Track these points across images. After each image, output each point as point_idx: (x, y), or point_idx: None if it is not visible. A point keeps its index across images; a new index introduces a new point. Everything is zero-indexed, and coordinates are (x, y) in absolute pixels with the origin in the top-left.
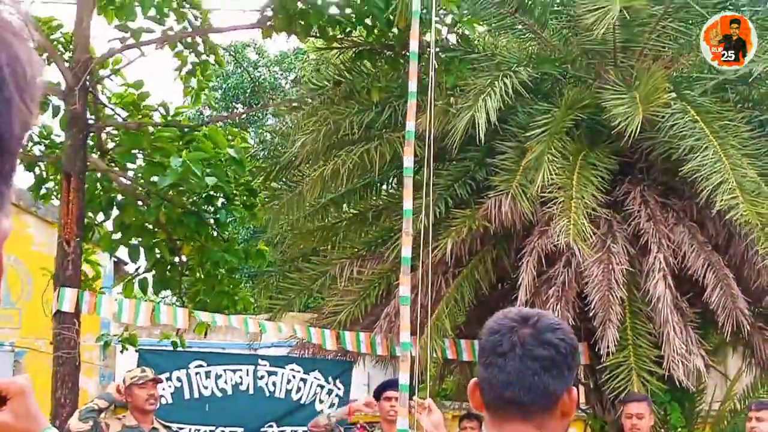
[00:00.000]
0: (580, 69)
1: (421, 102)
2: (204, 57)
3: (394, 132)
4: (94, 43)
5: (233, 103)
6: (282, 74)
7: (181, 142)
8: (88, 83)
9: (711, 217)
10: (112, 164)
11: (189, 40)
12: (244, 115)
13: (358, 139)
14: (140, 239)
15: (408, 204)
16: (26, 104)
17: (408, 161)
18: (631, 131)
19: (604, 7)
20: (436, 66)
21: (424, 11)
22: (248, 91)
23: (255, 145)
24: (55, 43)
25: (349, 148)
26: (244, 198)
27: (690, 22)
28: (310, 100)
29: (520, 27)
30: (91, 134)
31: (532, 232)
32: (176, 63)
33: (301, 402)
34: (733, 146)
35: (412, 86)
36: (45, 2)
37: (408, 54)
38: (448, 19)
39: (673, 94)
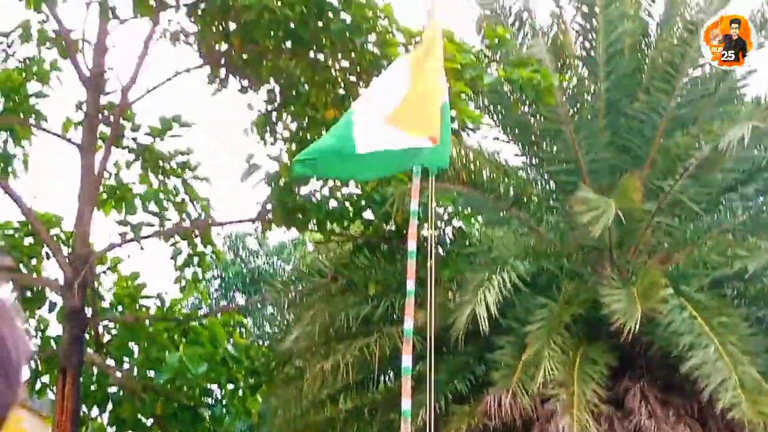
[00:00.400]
0: (577, 264)
1: (418, 295)
2: (200, 249)
3: (393, 326)
4: (94, 237)
5: (233, 292)
6: (281, 264)
7: (177, 334)
8: (87, 278)
9: (713, 415)
10: (108, 357)
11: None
12: (243, 305)
13: (356, 332)
14: None
15: (407, 404)
16: (9, 386)
17: (407, 360)
18: (630, 327)
19: (599, 208)
20: (432, 264)
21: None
22: (248, 280)
23: (254, 335)
24: (56, 238)
25: (348, 342)
26: (241, 393)
27: (683, 217)
28: (307, 293)
29: (516, 221)
30: (88, 328)
31: (532, 428)
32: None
33: None
34: (733, 343)
35: (410, 285)
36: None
37: (404, 246)
38: (446, 214)
39: (671, 290)
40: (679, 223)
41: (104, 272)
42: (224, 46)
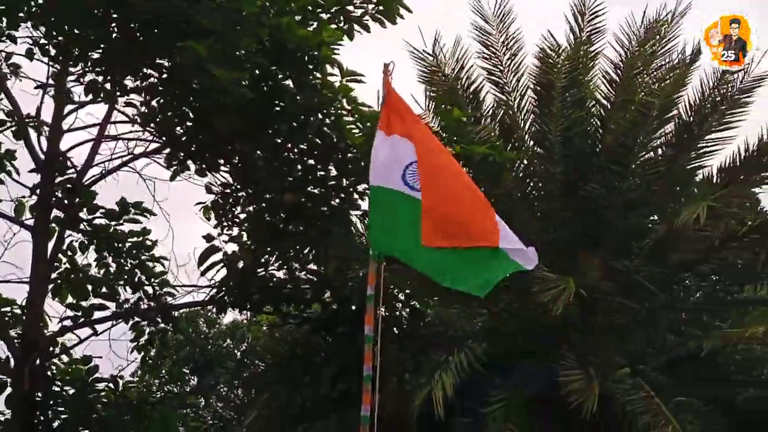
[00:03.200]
0: (533, 344)
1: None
2: (162, 326)
3: (351, 407)
4: (44, 319)
5: (185, 374)
6: (234, 344)
7: (129, 417)
8: (37, 363)
9: None
10: None
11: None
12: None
13: (312, 415)
14: None
15: None
16: None
17: None
18: (588, 407)
19: (559, 287)
20: (378, 349)
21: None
22: (199, 362)
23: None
24: (6, 319)
25: (305, 426)
26: None
27: (640, 297)
28: (262, 375)
29: (473, 302)
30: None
31: None
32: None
33: None
34: (690, 422)
35: (367, 369)
36: None
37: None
38: (402, 295)
39: (628, 370)
40: (636, 302)
41: (58, 356)
42: (180, 129)
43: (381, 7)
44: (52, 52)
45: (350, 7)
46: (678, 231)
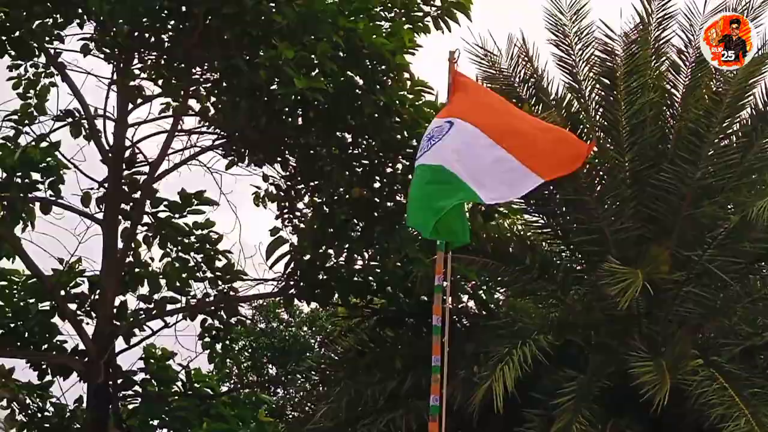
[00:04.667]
0: (605, 335)
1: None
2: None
3: (420, 400)
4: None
5: (263, 363)
6: (312, 334)
7: (202, 409)
8: (111, 355)
9: None
10: None
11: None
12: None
13: (382, 408)
14: None
15: None
16: None
17: None
18: (660, 399)
19: (627, 280)
20: (446, 339)
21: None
22: (278, 350)
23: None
24: (79, 314)
25: (373, 417)
26: None
27: (712, 286)
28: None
29: (542, 293)
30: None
31: None
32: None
33: None
34: (765, 414)
35: (435, 360)
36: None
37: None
38: (469, 287)
39: (701, 361)
40: (709, 293)
41: (131, 347)
42: (250, 125)
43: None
44: (109, 48)
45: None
46: (752, 220)
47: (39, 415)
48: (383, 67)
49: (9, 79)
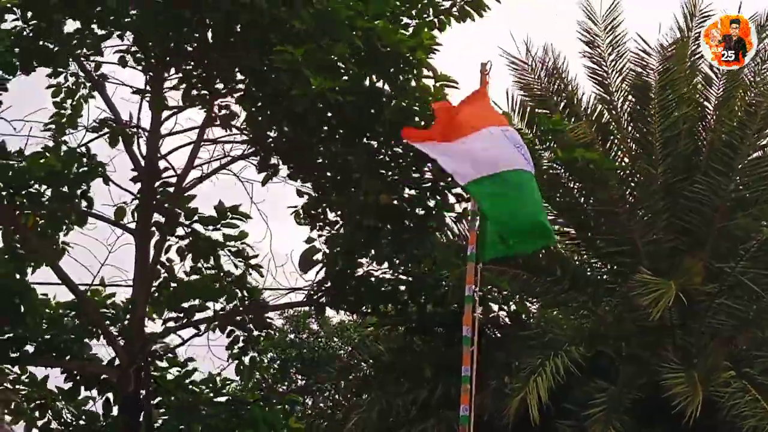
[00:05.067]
0: (636, 347)
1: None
2: (256, 333)
3: (450, 410)
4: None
5: (292, 374)
6: (341, 345)
7: (232, 416)
8: (142, 364)
9: None
10: None
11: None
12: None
13: (414, 418)
14: None
15: None
16: None
17: None
18: (692, 411)
19: (659, 290)
20: (475, 349)
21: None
22: (307, 361)
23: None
24: (109, 323)
25: (406, 429)
26: None
27: (745, 298)
28: (363, 377)
29: (573, 304)
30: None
31: None
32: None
33: None
34: None
35: (465, 370)
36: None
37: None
38: (501, 297)
39: (733, 373)
40: (741, 304)
41: (159, 358)
42: (274, 132)
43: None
44: (144, 59)
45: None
46: None
47: (73, 423)
48: (403, 66)
49: (48, 87)
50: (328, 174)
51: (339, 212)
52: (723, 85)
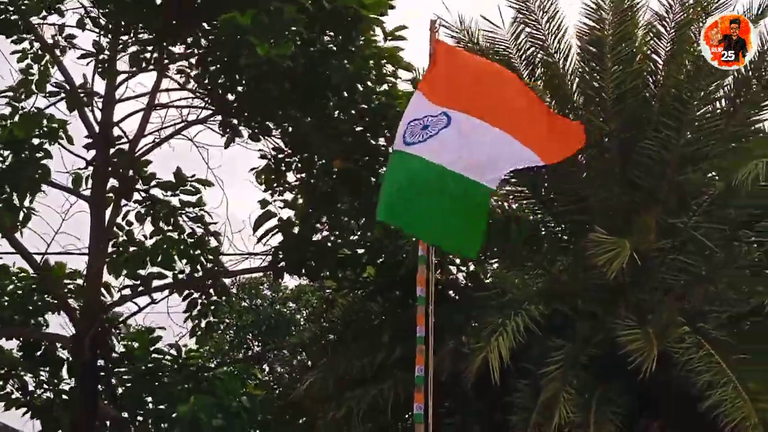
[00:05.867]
0: (592, 304)
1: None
2: (214, 299)
3: (408, 371)
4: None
5: (249, 340)
6: (298, 309)
7: (192, 384)
8: (98, 331)
9: None
10: (123, 411)
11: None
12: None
13: (370, 379)
14: None
15: None
16: None
17: (418, 407)
18: (647, 367)
19: (613, 250)
20: (431, 309)
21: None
22: (263, 327)
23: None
24: (67, 291)
25: (362, 390)
26: None
27: (698, 254)
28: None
29: (529, 264)
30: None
31: None
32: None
33: None
34: (752, 380)
35: (419, 331)
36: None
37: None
38: (458, 258)
39: (687, 328)
40: (694, 260)
41: (119, 324)
42: (232, 97)
43: None
44: (102, 21)
45: None
46: (737, 187)
47: (35, 393)
48: (352, 24)
49: (13, 53)
50: (285, 137)
51: (297, 176)
52: (671, 39)
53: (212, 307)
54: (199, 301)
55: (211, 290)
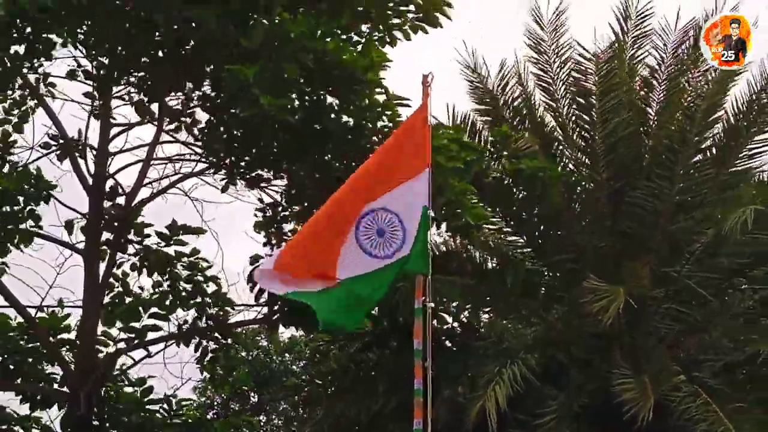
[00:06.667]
0: (586, 352)
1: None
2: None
3: (405, 422)
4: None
5: (245, 391)
6: (292, 360)
7: None
8: (93, 386)
9: None
10: None
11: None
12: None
13: (366, 429)
14: None
15: None
16: None
17: None
18: (643, 416)
19: (607, 297)
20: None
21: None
22: (260, 378)
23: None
24: (60, 344)
25: None
26: None
27: (692, 302)
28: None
29: (524, 312)
30: None
31: None
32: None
33: None
34: (748, 429)
35: (417, 383)
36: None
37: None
38: (452, 307)
39: (683, 377)
40: (688, 308)
41: (111, 380)
42: (228, 146)
43: (421, 15)
44: (94, 72)
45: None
46: (727, 235)
47: None
48: (354, 86)
49: None
50: (282, 190)
51: (293, 228)
52: (663, 90)
53: (226, 350)
54: (209, 348)
55: (217, 334)
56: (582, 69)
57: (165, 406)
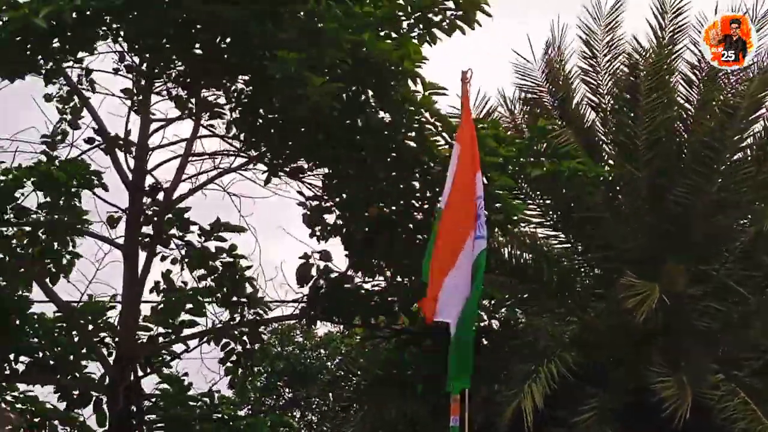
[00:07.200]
0: (624, 351)
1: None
2: (249, 347)
3: (442, 421)
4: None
5: (279, 386)
6: (327, 356)
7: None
8: (132, 380)
9: None
10: None
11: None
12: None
13: (405, 429)
14: None
15: None
16: None
17: None
18: (682, 414)
19: (644, 293)
20: None
21: None
22: (295, 374)
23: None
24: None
25: None
26: None
27: (730, 300)
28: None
29: (561, 309)
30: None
31: None
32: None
33: None
34: None
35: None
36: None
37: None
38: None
39: (722, 375)
40: (727, 307)
41: (151, 373)
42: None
43: (460, 12)
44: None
45: (430, 15)
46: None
47: None
48: (390, 77)
49: (45, 96)
50: (322, 182)
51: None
52: (703, 86)
53: (250, 357)
54: (236, 350)
55: (245, 338)
56: (632, 64)
57: (206, 400)
